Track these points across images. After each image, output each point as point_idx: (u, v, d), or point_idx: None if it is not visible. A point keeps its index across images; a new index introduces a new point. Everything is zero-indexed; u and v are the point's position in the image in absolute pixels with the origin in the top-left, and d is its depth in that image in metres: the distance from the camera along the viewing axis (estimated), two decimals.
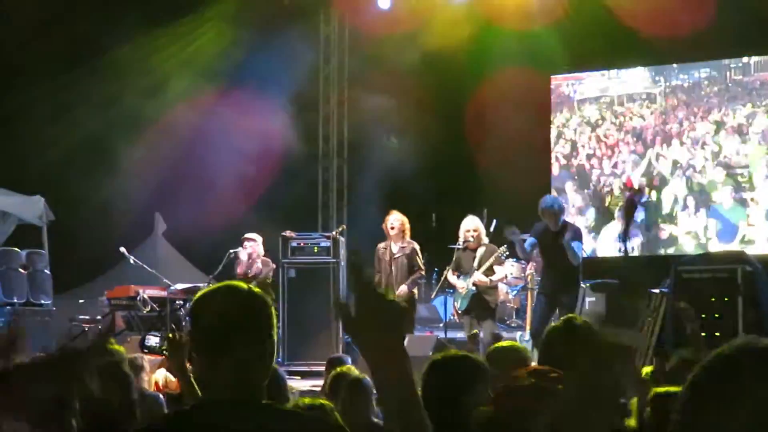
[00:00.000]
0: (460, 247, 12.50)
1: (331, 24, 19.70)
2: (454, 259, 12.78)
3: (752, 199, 15.86)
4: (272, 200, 16.47)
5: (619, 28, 16.10)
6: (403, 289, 12.61)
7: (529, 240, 11.97)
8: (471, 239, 12.43)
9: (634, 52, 16.81)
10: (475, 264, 12.35)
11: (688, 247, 16.17)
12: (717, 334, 9.10)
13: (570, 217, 15.28)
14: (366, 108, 17.72)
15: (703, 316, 9.45)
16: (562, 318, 3.27)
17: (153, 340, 10.99)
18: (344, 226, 15.83)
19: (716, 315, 9.59)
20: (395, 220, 12.94)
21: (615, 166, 17.38)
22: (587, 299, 12.59)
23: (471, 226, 12.52)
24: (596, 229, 17.03)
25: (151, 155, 17.55)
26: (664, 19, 15.34)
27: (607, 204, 17.19)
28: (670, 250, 16.18)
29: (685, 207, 16.40)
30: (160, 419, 2.67)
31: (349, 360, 8.45)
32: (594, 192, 17.31)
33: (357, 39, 19.28)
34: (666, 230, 16.51)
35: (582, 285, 12.84)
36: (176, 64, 18.28)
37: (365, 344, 2.23)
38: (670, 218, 16.49)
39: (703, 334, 9.12)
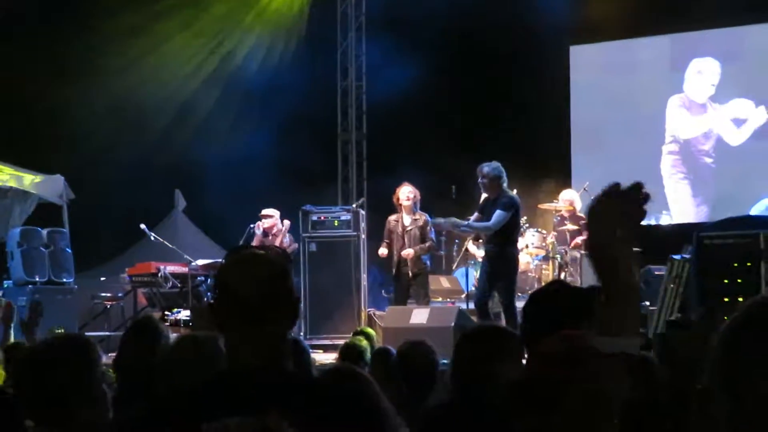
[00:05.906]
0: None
1: None
2: None
3: None
4: (292, 174, 16.45)
5: None
6: (408, 251, 12.59)
7: (473, 218, 11.85)
8: None
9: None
10: None
11: None
12: (740, 299, 9.03)
13: None
14: (384, 82, 17.65)
15: (726, 281, 9.44)
16: (551, 280, 3.26)
17: (181, 314, 11.08)
18: (364, 199, 15.81)
19: (738, 280, 9.52)
20: (409, 192, 12.82)
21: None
22: None
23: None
24: None
25: (170, 131, 17.57)
26: None
27: None
28: None
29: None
30: (192, 386, 2.64)
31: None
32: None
33: (374, 12, 19.20)
34: None
35: None
36: (194, 39, 18.27)
37: None
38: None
39: (726, 299, 9.15)
